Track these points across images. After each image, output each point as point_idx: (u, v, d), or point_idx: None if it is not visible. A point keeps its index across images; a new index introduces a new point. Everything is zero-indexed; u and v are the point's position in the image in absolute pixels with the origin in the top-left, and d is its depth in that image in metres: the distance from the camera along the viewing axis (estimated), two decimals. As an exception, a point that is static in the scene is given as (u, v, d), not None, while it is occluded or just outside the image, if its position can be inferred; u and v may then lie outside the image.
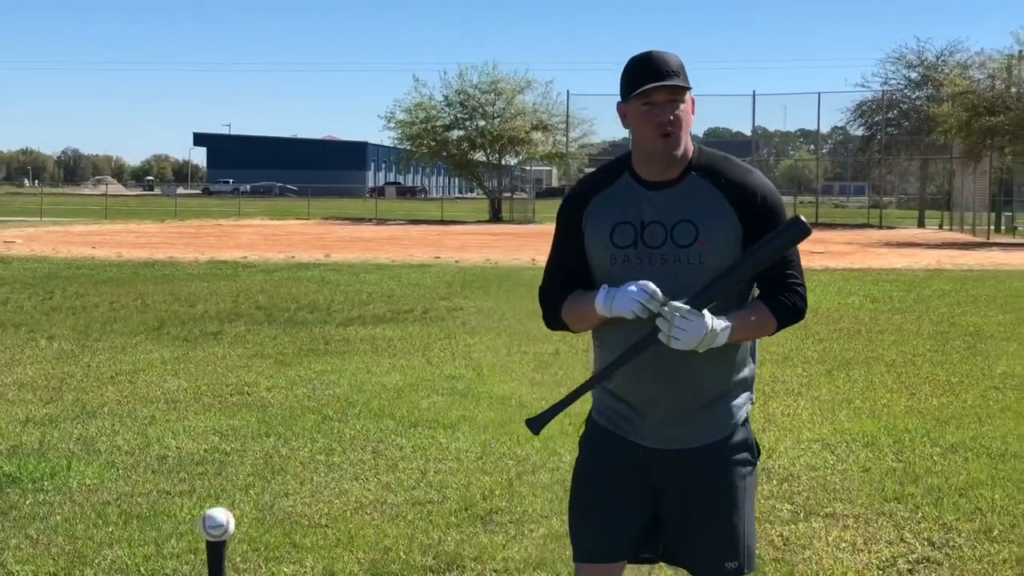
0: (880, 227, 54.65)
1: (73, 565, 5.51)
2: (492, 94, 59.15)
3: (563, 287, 3.44)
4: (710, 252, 3.24)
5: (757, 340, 3.46)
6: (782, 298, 3.33)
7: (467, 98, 59.46)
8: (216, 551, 2.88)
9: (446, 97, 60.24)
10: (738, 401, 3.42)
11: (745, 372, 3.43)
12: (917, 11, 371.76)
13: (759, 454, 3.52)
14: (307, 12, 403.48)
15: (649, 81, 3.22)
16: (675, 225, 3.26)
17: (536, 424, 3.36)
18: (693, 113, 3.33)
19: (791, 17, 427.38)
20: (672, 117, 3.24)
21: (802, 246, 3.31)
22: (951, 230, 51.56)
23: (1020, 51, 44.89)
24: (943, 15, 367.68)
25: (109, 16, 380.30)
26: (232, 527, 2.90)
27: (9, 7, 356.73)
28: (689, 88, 3.26)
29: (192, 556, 5.60)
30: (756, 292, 3.41)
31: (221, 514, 2.90)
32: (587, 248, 3.38)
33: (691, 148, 3.34)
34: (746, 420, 3.47)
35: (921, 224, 58.07)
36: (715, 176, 3.31)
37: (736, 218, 3.26)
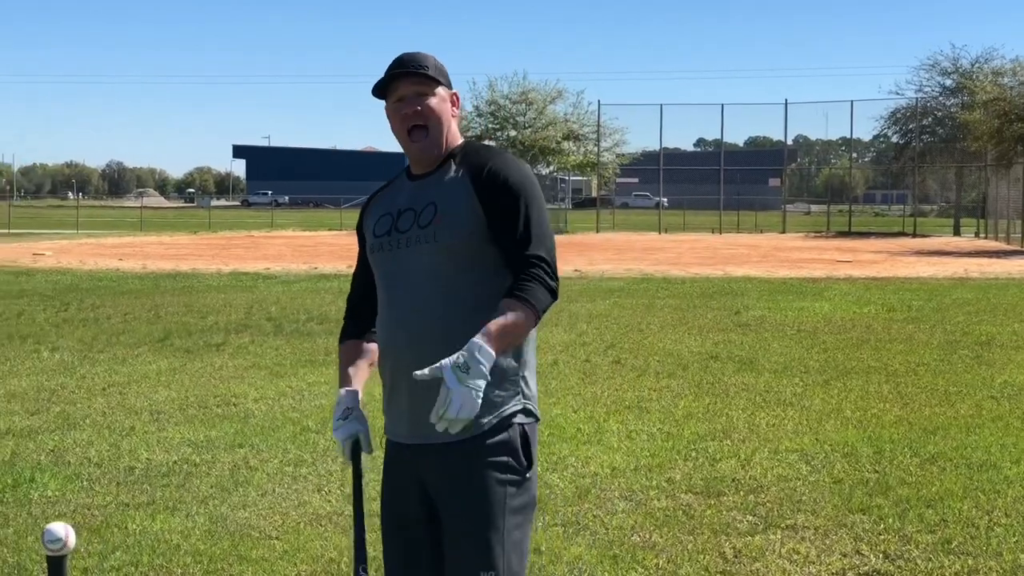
0: (915, 235, 54.20)
1: (13, 577, 5.51)
2: (523, 104, 59.12)
3: (356, 296, 3.60)
4: (443, 228, 3.22)
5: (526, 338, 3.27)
6: (525, 281, 3.12)
7: (498, 108, 59.46)
8: (56, 566, 2.85)
9: (476, 108, 60.26)
10: (492, 399, 3.15)
11: (501, 367, 3.17)
12: (953, 18, 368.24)
13: (530, 466, 3.27)
14: (346, 23, 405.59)
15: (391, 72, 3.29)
16: (423, 209, 3.29)
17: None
18: (457, 108, 3.41)
19: (829, 25, 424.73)
20: (419, 108, 3.30)
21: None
22: (986, 238, 51.18)
23: (1055, 57, 44.43)
24: (981, 22, 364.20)
25: (151, 30, 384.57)
26: (72, 542, 2.86)
27: (54, 23, 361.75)
28: (440, 82, 3.33)
29: (132, 569, 5.59)
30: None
31: (60, 528, 2.87)
32: None
33: (457, 141, 3.41)
34: (510, 423, 3.24)
35: (956, 232, 57.60)
36: (464, 161, 3.33)
37: (474, 194, 3.23)
